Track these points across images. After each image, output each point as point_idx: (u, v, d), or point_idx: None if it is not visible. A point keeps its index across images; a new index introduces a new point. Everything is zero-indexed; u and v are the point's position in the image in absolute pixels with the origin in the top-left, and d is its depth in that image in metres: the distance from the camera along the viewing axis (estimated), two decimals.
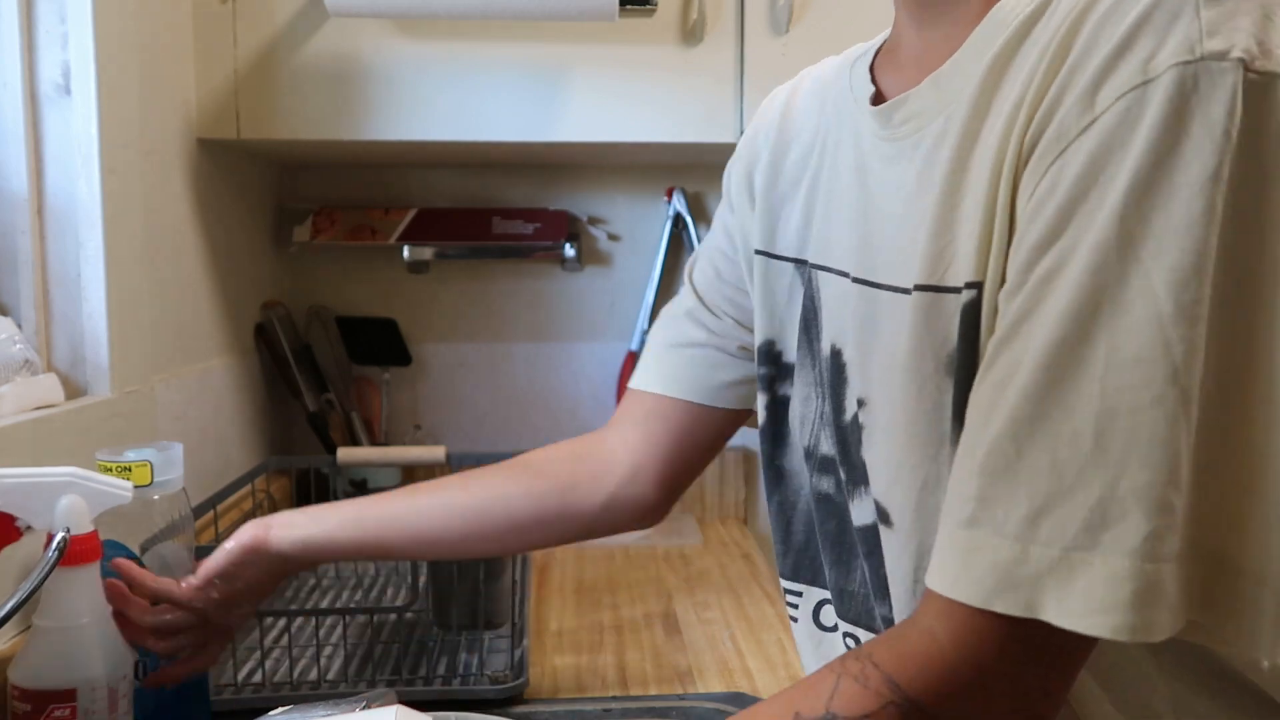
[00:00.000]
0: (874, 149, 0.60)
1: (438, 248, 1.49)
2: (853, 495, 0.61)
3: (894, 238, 0.57)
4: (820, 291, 0.65)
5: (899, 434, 0.55)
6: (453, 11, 1.07)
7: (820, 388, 0.65)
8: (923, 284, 0.53)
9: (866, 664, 0.48)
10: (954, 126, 0.53)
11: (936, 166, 0.54)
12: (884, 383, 0.57)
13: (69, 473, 0.68)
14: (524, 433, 1.54)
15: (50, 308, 0.94)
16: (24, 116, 0.91)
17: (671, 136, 1.20)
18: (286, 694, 0.88)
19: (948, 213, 0.52)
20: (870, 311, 0.58)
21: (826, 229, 0.65)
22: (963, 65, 0.53)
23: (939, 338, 0.52)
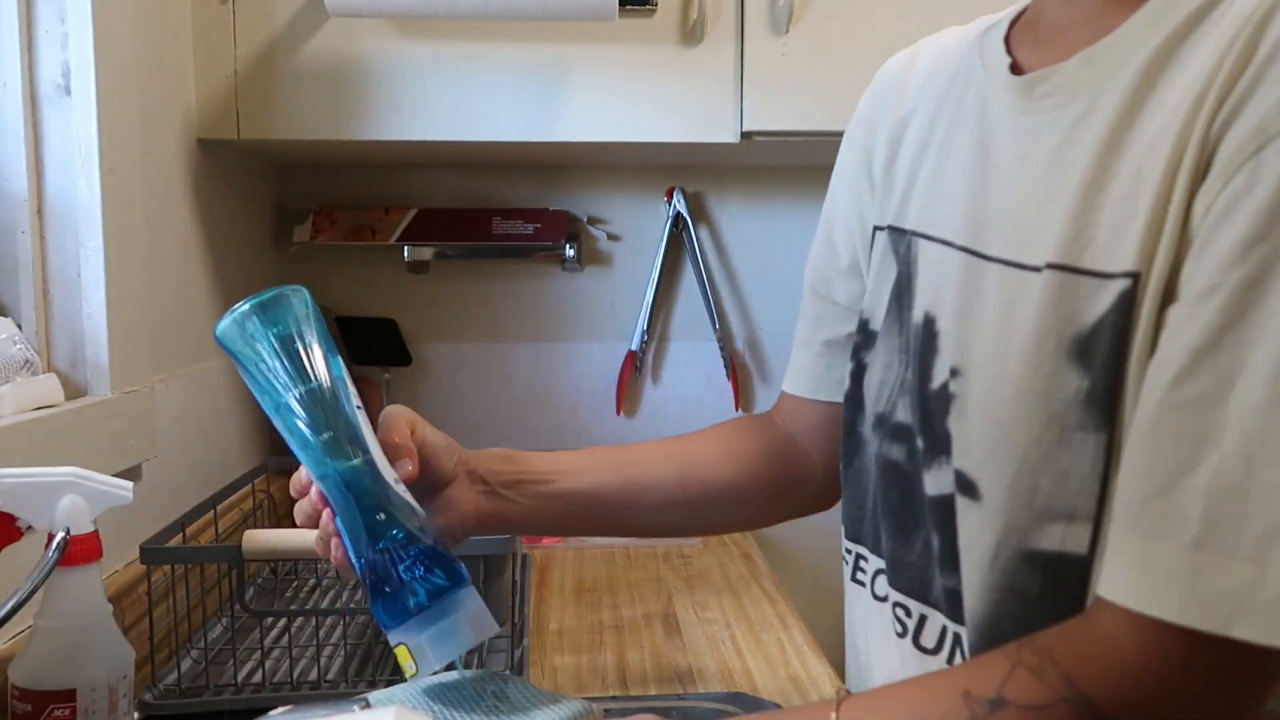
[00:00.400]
0: (1003, 121, 0.59)
1: (438, 248, 1.49)
2: (928, 465, 0.60)
3: (1015, 212, 0.56)
4: (918, 259, 0.64)
5: (1003, 408, 0.54)
6: (453, 11, 1.07)
7: (905, 355, 0.64)
8: (1057, 263, 0.52)
9: (1044, 658, 0.48)
10: (1106, 107, 0.52)
11: (1080, 146, 0.53)
12: (990, 355, 0.56)
13: (69, 473, 0.68)
14: (524, 433, 1.55)
15: (50, 308, 0.94)
16: (24, 116, 0.91)
17: (671, 136, 1.20)
18: (286, 694, 0.88)
19: (1093, 195, 0.51)
20: (976, 282, 0.58)
21: (933, 198, 0.64)
22: (1121, 46, 0.53)
23: (1065, 319, 0.52)
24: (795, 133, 1.21)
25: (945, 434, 0.59)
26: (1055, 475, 0.52)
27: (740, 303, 1.56)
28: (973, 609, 0.57)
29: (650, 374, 1.56)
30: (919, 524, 0.62)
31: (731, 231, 1.55)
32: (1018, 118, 0.58)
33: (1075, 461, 0.51)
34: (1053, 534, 0.53)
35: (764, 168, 1.54)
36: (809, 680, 0.96)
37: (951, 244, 0.60)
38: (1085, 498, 0.51)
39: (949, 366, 0.59)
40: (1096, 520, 0.51)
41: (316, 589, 1.18)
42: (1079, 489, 0.51)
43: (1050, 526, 0.53)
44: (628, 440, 1.55)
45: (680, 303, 1.55)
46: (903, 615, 0.63)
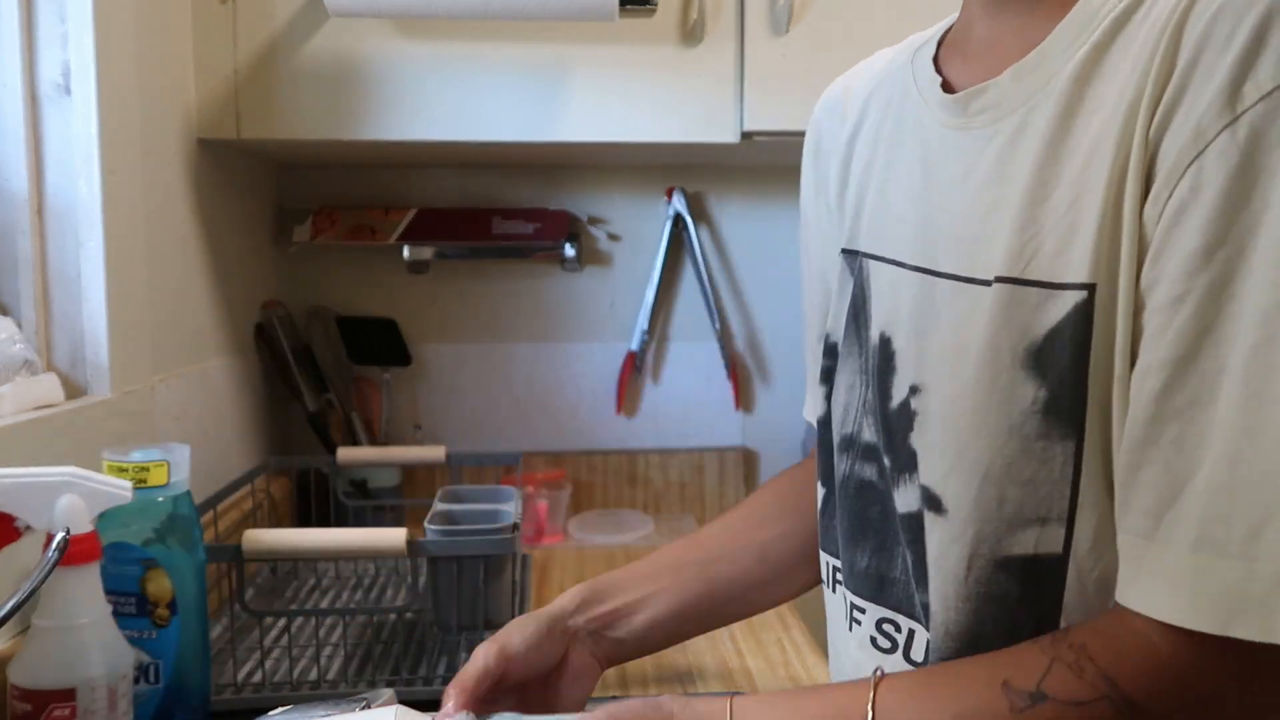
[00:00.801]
0: (941, 139, 0.60)
1: (438, 248, 1.49)
2: (897, 482, 0.61)
3: (961, 227, 0.57)
4: (870, 280, 0.65)
5: (962, 422, 0.55)
6: (453, 11, 1.07)
7: (865, 375, 0.65)
8: (1004, 276, 0.53)
9: (1080, 655, 0.49)
10: (1040, 120, 0.53)
11: (1018, 160, 0.54)
12: (946, 371, 0.56)
13: (69, 473, 0.68)
14: (524, 433, 1.55)
15: (50, 308, 0.94)
16: (24, 116, 0.91)
17: (671, 136, 1.19)
18: (286, 694, 0.88)
19: (1034, 207, 0.52)
20: (929, 299, 0.58)
21: (880, 218, 0.65)
22: (1049, 57, 0.53)
23: (1018, 330, 0.52)
24: (795, 133, 1.20)
25: (910, 451, 0.59)
26: (1021, 484, 0.53)
27: (740, 303, 1.56)
28: (950, 620, 0.57)
29: (650, 374, 1.56)
30: (897, 541, 0.62)
31: (731, 231, 1.55)
32: (954, 135, 0.58)
33: (1042, 469, 0.52)
34: (1025, 539, 0.53)
35: (764, 168, 1.54)
36: (809, 680, 0.96)
37: (903, 264, 0.61)
38: (1057, 501, 0.52)
39: (908, 384, 0.60)
40: (1070, 520, 0.52)
41: (316, 589, 1.18)
42: (1049, 494, 0.52)
43: (1022, 532, 0.53)
44: (627, 440, 1.55)
45: (680, 303, 1.55)
46: (891, 631, 0.63)
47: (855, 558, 0.65)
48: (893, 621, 0.63)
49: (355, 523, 1.30)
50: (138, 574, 0.77)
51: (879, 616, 0.64)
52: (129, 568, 0.77)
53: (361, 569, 1.24)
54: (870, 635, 0.65)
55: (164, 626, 0.78)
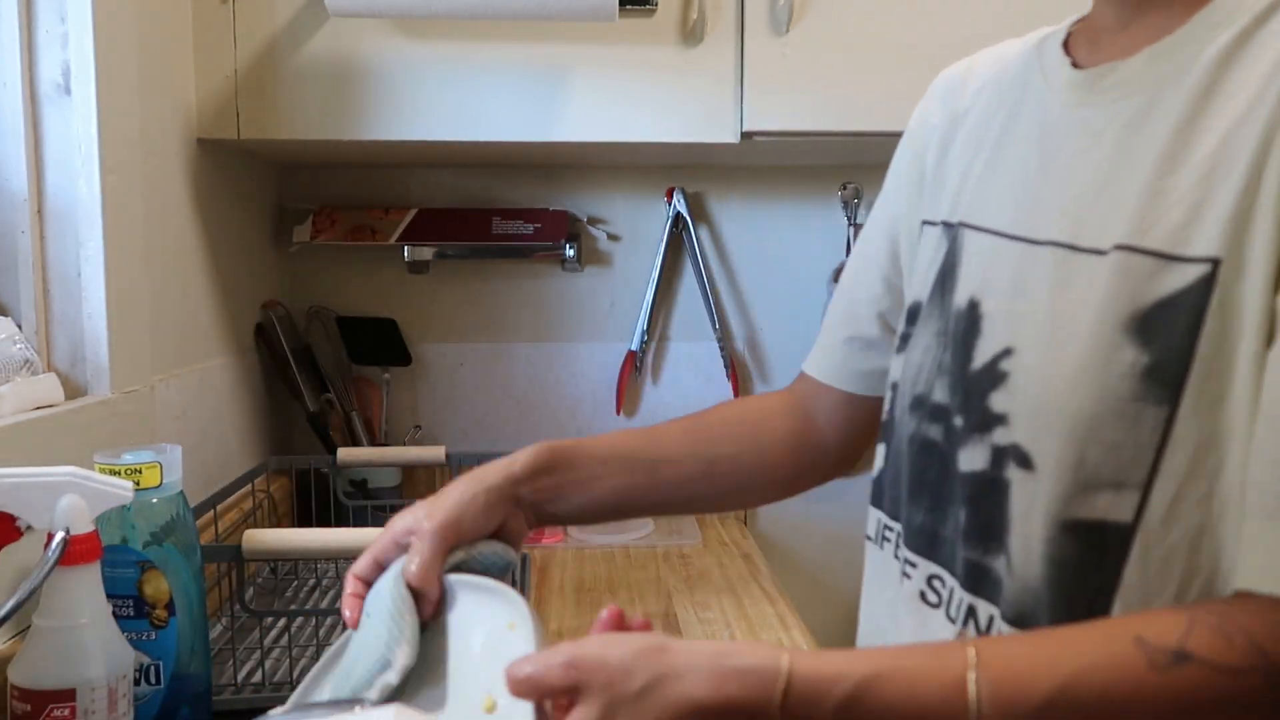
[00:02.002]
0: (1062, 116, 0.62)
1: (438, 248, 1.49)
2: (964, 442, 0.62)
3: (1073, 197, 0.59)
4: (964, 248, 0.66)
5: (1059, 383, 0.56)
6: (453, 11, 1.07)
7: (944, 338, 0.66)
8: (1124, 244, 0.54)
9: (1230, 623, 0.48)
10: (1173, 100, 0.55)
11: (1145, 136, 0.56)
12: (1044, 332, 0.58)
13: (69, 473, 0.68)
14: (524, 433, 1.54)
15: (50, 308, 0.94)
16: (24, 116, 0.91)
17: (671, 136, 1.19)
18: (286, 694, 0.88)
19: (1161, 181, 0.54)
20: (1029, 266, 0.60)
21: (983, 190, 0.67)
22: (1185, 44, 0.56)
23: (1127, 297, 0.54)
24: (795, 133, 1.21)
25: (989, 412, 0.60)
26: (1105, 445, 0.53)
27: (740, 303, 1.56)
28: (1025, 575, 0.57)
29: (650, 374, 1.56)
30: (951, 500, 0.63)
31: (731, 231, 1.55)
32: (1078, 111, 0.61)
33: (1129, 432, 0.53)
34: (1097, 503, 0.54)
35: (764, 168, 1.54)
36: None
37: (1002, 234, 0.63)
38: (1138, 467, 0.53)
39: (999, 346, 0.61)
40: (1146, 489, 0.53)
41: (316, 589, 1.18)
42: (1132, 459, 0.53)
43: (1095, 495, 0.54)
44: None
45: (680, 303, 1.55)
46: (939, 586, 0.64)
47: (911, 514, 0.67)
48: (939, 578, 0.64)
49: (355, 523, 1.30)
50: (134, 576, 0.77)
51: (929, 573, 0.65)
52: (125, 570, 0.77)
53: None
54: (920, 590, 0.66)
55: (162, 628, 0.78)
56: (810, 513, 1.57)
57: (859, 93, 1.18)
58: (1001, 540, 0.59)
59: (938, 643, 0.58)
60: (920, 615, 0.66)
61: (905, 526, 0.68)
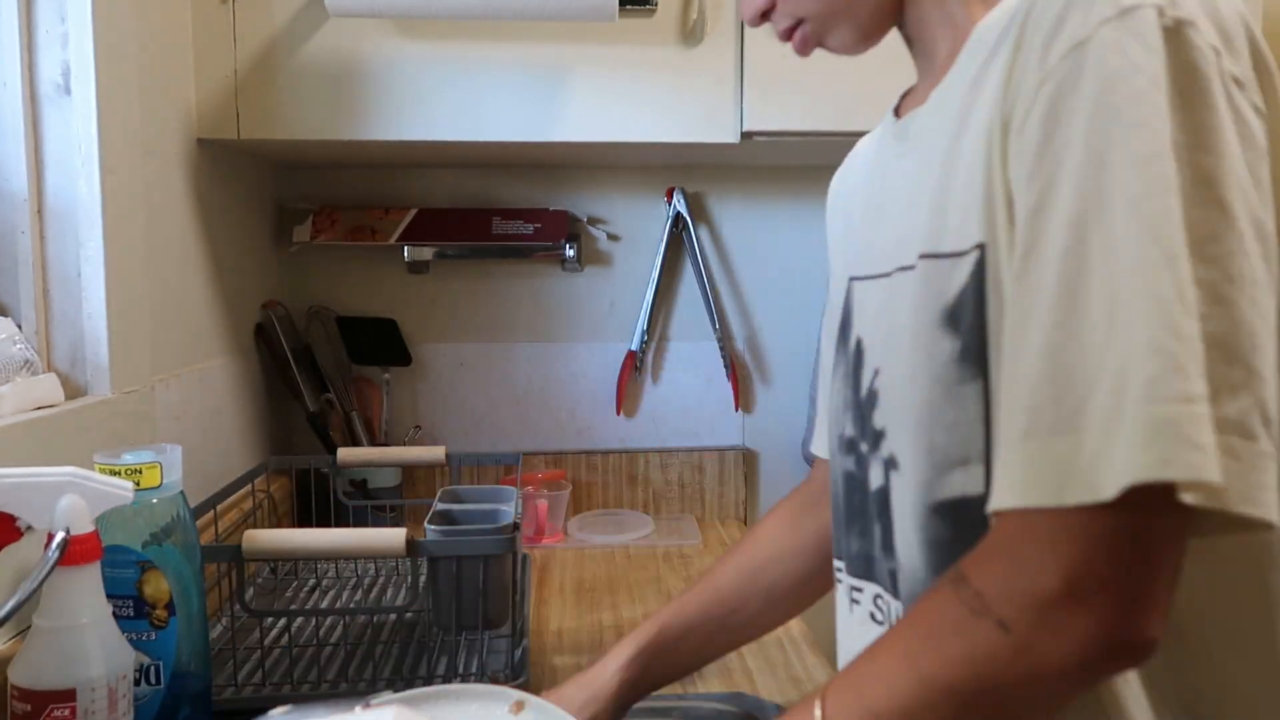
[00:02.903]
0: (891, 163, 0.70)
1: (438, 248, 1.49)
2: (870, 462, 0.68)
3: (900, 226, 0.66)
4: (853, 297, 0.73)
5: (904, 384, 0.62)
6: (453, 11, 1.07)
7: (848, 378, 0.72)
8: (925, 253, 0.61)
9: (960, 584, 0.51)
10: (948, 123, 0.62)
11: (934, 158, 0.62)
12: (891, 346, 0.65)
13: (69, 473, 0.68)
14: (524, 433, 1.55)
15: (50, 308, 0.94)
16: (24, 116, 0.91)
17: (671, 136, 1.20)
18: (286, 694, 0.88)
19: (942, 194, 0.60)
20: (888, 296, 0.66)
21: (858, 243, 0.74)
22: (955, 80, 0.64)
23: (935, 296, 0.59)
24: (795, 133, 1.21)
25: (875, 430, 0.67)
26: (946, 427, 0.58)
27: (740, 303, 1.56)
28: (908, 573, 0.63)
29: (650, 374, 1.56)
30: (872, 519, 0.68)
31: (731, 231, 1.55)
32: (899, 159, 0.69)
33: (961, 411, 0.58)
34: (953, 482, 0.58)
35: (764, 168, 1.54)
36: (809, 680, 0.96)
37: (867, 276, 0.70)
38: (974, 441, 0.57)
39: (873, 369, 0.68)
40: (987, 460, 0.57)
41: (316, 589, 1.18)
42: (968, 434, 0.57)
43: (950, 475, 0.58)
44: (627, 440, 1.55)
45: (680, 303, 1.55)
46: (882, 605, 0.68)
47: (850, 543, 0.72)
48: (881, 596, 0.68)
49: (355, 523, 1.30)
50: (134, 576, 0.77)
51: (874, 593, 0.69)
52: (125, 570, 0.77)
53: (361, 569, 1.24)
54: (870, 611, 0.70)
55: (162, 628, 0.78)
56: None
57: (859, 93, 1.19)
58: (891, 542, 0.65)
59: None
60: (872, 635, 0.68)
61: (847, 557, 0.72)
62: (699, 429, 1.57)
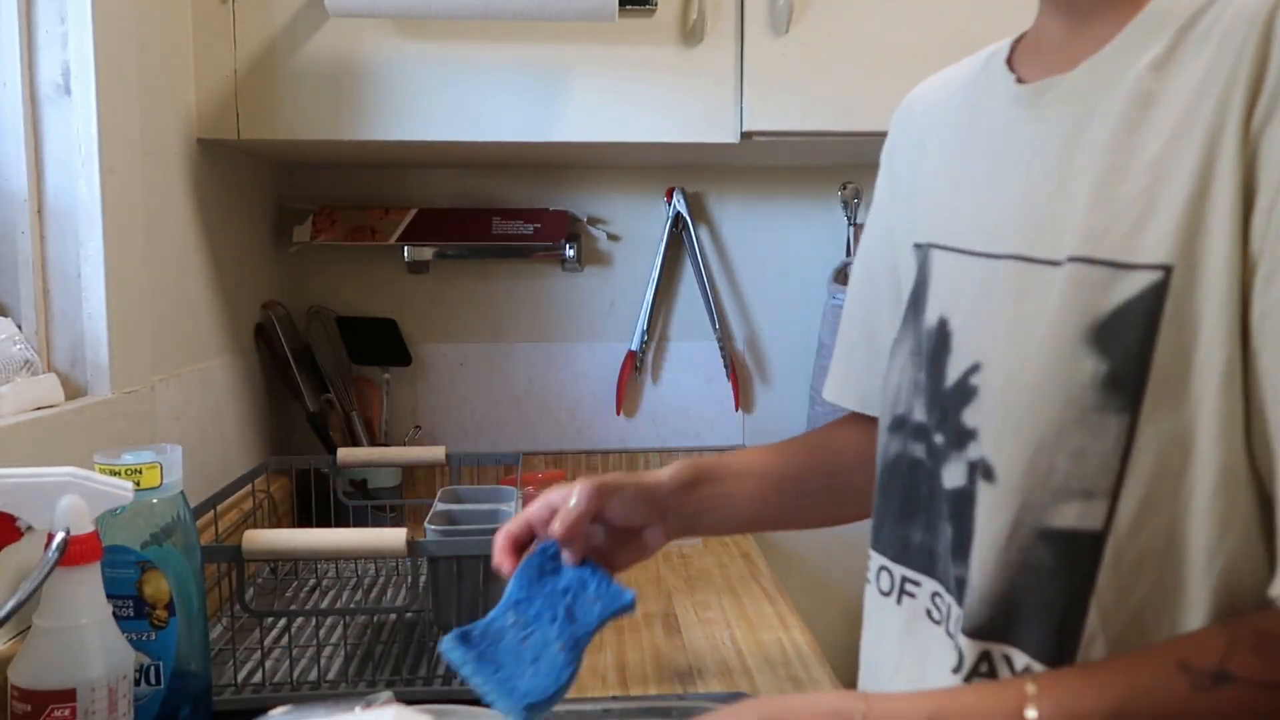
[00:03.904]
0: (1011, 131, 0.63)
1: (438, 248, 1.49)
2: (946, 458, 0.63)
3: (1025, 210, 0.60)
4: (933, 268, 0.68)
5: (1023, 395, 0.57)
6: (453, 11, 1.07)
7: (919, 358, 0.67)
8: (1077, 255, 0.55)
9: (1263, 637, 0.49)
10: (1110, 110, 0.56)
11: (1088, 145, 0.57)
12: (1007, 346, 0.59)
13: (69, 473, 0.68)
14: (524, 433, 1.55)
15: (50, 308, 0.94)
16: (24, 116, 0.91)
17: (671, 136, 1.19)
18: (286, 694, 0.88)
19: (1107, 189, 0.55)
20: (990, 281, 0.61)
21: (947, 210, 0.68)
22: (1120, 55, 0.57)
23: (1083, 307, 0.54)
24: (795, 133, 1.21)
25: (963, 427, 0.62)
26: (1071, 454, 0.54)
27: (740, 303, 1.56)
28: (986, 587, 0.58)
29: (650, 374, 1.56)
30: (940, 516, 0.64)
31: (731, 231, 1.55)
32: (1024, 125, 0.62)
33: (1094, 441, 0.53)
34: (1068, 511, 0.55)
35: (764, 168, 1.54)
36: (809, 680, 0.96)
37: (965, 250, 0.64)
38: (1104, 475, 0.53)
39: (968, 362, 0.62)
40: (1114, 497, 0.53)
41: (316, 589, 1.18)
42: (1098, 467, 0.54)
43: (1066, 504, 0.55)
44: (627, 440, 1.55)
45: (680, 303, 1.55)
46: (940, 604, 0.65)
47: (909, 533, 0.68)
48: (939, 595, 0.65)
49: (355, 523, 1.30)
50: (134, 576, 0.77)
51: (932, 590, 0.66)
52: (125, 570, 0.77)
53: (361, 569, 1.24)
54: (926, 608, 0.66)
55: (162, 628, 0.78)
56: None
57: (859, 93, 1.19)
58: (966, 552, 0.61)
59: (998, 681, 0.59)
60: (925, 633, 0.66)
61: (900, 547, 0.69)
62: (699, 429, 1.57)
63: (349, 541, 0.88)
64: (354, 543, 0.88)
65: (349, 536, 0.89)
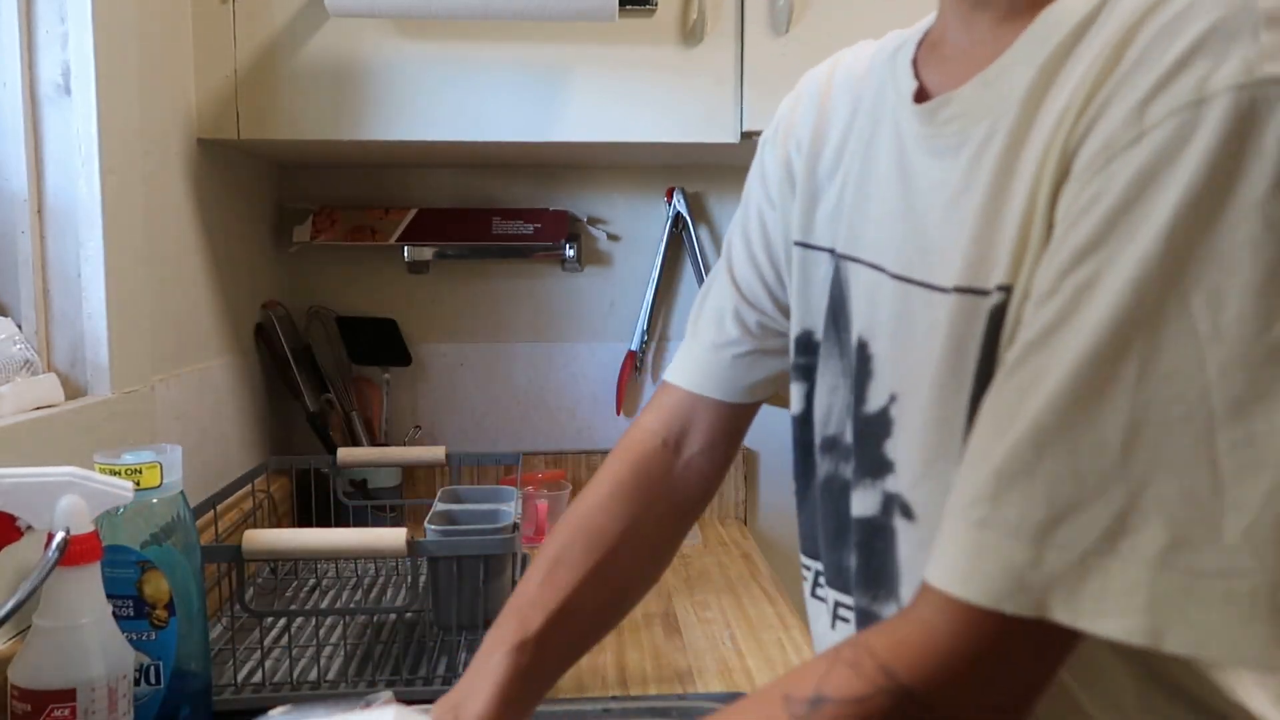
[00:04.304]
0: (916, 145, 0.60)
1: (438, 248, 1.49)
2: (857, 485, 0.62)
3: (936, 237, 0.57)
4: (849, 282, 0.65)
5: (932, 432, 0.56)
6: (453, 11, 1.07)
7: (846, 379, 0.65)
8: (962, 286, 0.53)
9: (861, 652, 0.49)
10: (1001, 130, 0.53)
11: (982, 169, 0.54)
12: (920, 380, 0.57)
13: (69, 473, 0.68)
14: (524, 433, 1.55)
15: (50, 308, 0.94)
16: (24, 116, 0.91)
17: (671, 136, 1.20)
18: (286, 694, 0.89)
19: (991, 217, 0.52)
20: (907, 308, 0.59)
21: (859, 220, 0.64)
22: (1011, 67, 0.53)
23: (975, 340, 0.53)
24: None
25: (881, 458, 0.60)
26: None
27: None
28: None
29: (650, 374, 1.56)
30: (849, 541, 0.64)
31: None
32: (926, 143, 0.59)
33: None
34: None
35: None
36: None
37: (883, 269, 0.61)
38: None
39: (888, 392, 0.60)
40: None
41: (316, 589, 1.18)
42: None
43: None
44: None
45: (680, 303, 1.55)
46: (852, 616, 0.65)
47: (841, 557, 0.66)
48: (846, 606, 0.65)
49: (355, 523, 1.30)
50: (134, 576, 0.77)
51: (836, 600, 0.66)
52: (125, 570, 0.77)
53: (361, 569, 1.24)
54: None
55: (162, 628, 0.78)
56: None
57: None
58: (892, 588, 0.59)
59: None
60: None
61: (833, 570, 0.67)
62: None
63: (349, 541, 0.88)
64: (354, 543, 0.88)
65: (349, 536, 0.89)
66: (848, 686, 0.48)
